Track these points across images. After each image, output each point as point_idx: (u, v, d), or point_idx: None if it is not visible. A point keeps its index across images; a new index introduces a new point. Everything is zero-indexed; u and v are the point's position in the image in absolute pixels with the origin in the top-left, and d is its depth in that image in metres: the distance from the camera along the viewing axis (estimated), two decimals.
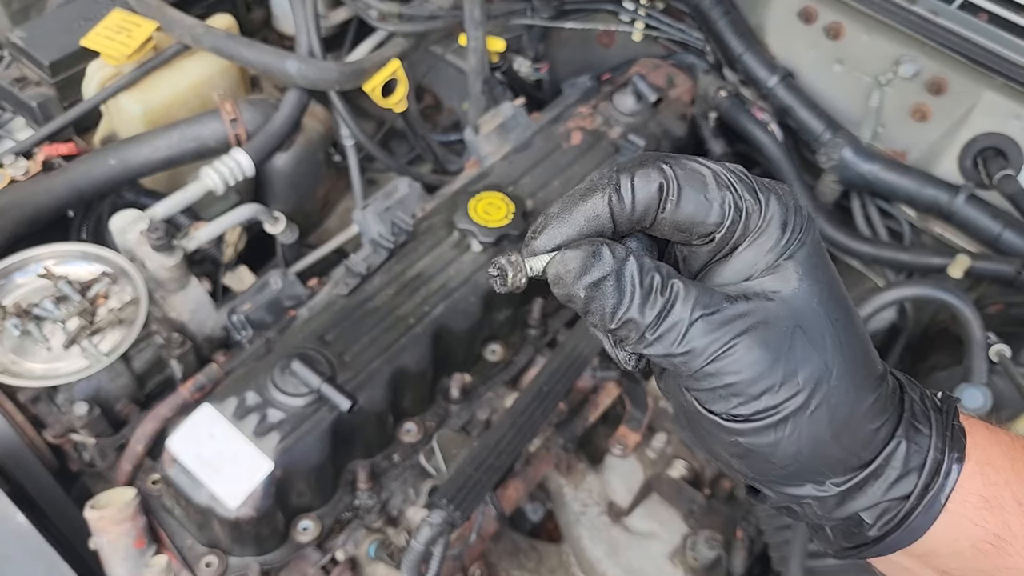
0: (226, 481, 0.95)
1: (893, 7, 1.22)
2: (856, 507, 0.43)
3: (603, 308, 0.39)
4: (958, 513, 0.43)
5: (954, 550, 0.44)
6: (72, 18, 1.45)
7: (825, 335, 0.41)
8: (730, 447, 0.41)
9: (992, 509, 0.43)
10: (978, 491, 0.43)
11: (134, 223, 1.18)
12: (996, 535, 0.43)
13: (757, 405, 0.39)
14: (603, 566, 1.11)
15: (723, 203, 0.40)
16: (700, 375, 0.40)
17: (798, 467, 0.41)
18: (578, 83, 1.51)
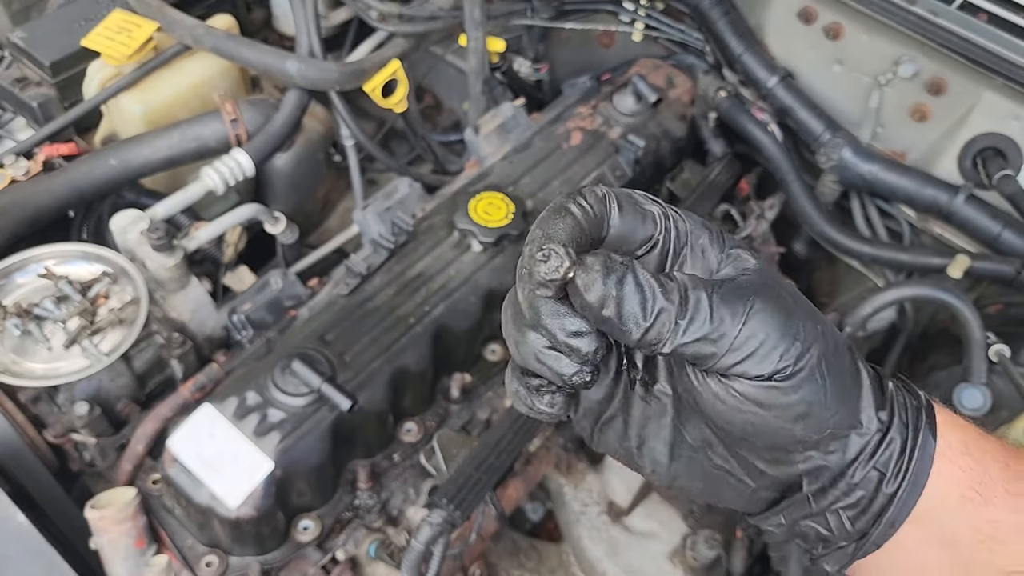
0: (226, 481, 0.95)
1: (893, 7, 1.22)
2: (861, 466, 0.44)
3: (633, 307, 0.39)
4: (944, 457, 0.44)
5: (946, 505, 0.44)
6: (73, 18, 1.45)
7: (796, 298, 0.43)
8: (745, 427, 0.42)
9: (972, 455, 0.45)
10: (958, 437, 0.45)
11: (135, 223, 1.18)
12: (979, 481, 0.44)
13: (777, 364, 0.40)
14: (603, 566, 1.11)
15: (655, 213, 0.43)
16: (731, 349, 0.40)
17: (805, 428, 0.42)
18: (578, 83, 1.51)
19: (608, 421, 0.47)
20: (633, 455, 0.47)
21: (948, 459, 0.45)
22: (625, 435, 0.47)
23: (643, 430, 0.46)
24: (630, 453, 0.47)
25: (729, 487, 0.46)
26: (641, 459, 0.47)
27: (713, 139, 1.47)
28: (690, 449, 0.45)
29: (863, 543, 0.45)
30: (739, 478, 0.45)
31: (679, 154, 1.48)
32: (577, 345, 0.40)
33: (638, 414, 0.46)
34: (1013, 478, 0.45)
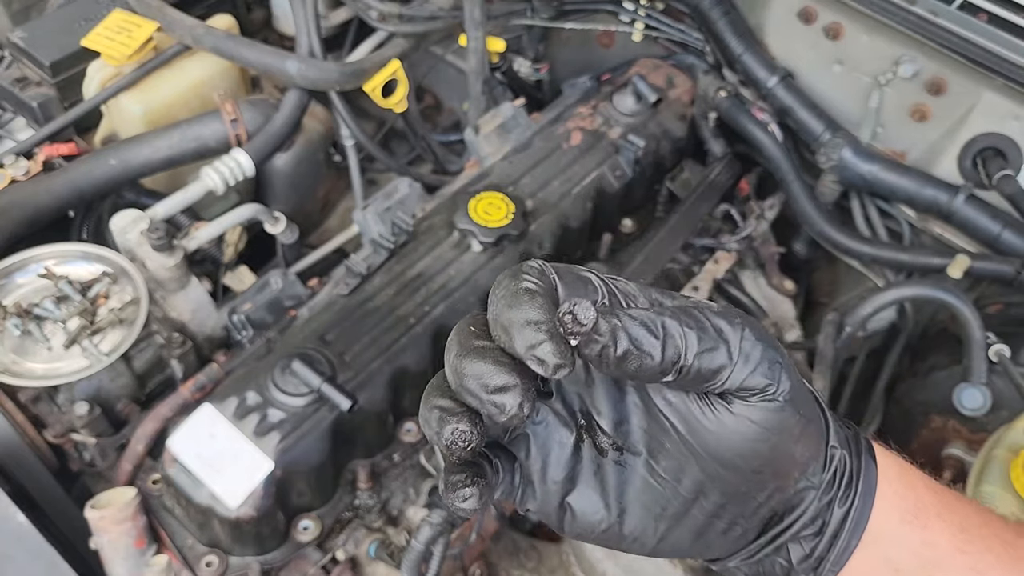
0: (227, 481, 0.95)
1: (893, 7, 1.22)
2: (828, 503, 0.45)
3: (641, 332, 0.38)
4: (883, 485, 0.46)
5: (889, 529, 0.46)
6: (73, 18, 1.45)
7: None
8: (757, 457, 0.42)
9: (906, 482, 0.47)
10: (892, 466, 0.47)
11: (135, 223, 1.18)
12: (915, 507, 0.47)
13: (779, 374, 0.41)
14: (603, 565, 1.11)
15: (591, 278, 0.42)
16: (740, 360, 0.40)
17: (804, 448, 0.44)
18: (578, 83, 1.51)
19: (578, 500, 0.44)
20: (613, 526, 0.44)
21: (887, 486, 0.46)
22: (604, 506, 0.44)
23: (622, 498, 0.44)
24: (610, 526, 0.44)
25: (718, 534, 0.45)
26: (624, 528, 0.44)
27: (713, 139, 1.47)
28: (681, 503, 0.44)
29: (821, 570, 0.46)
30: (732, 520, 0.45)
31: (679, 154, 1.48)
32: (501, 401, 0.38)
33: (613, 482, 0.44)
34: (943, 504, 0.47)
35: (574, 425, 0.44)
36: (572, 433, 0.44)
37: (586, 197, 1.30)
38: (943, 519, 0.47)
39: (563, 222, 1.26)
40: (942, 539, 0.46)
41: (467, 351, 0.39)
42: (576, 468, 0.44)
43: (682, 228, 1.32)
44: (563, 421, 0.44)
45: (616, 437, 0.43)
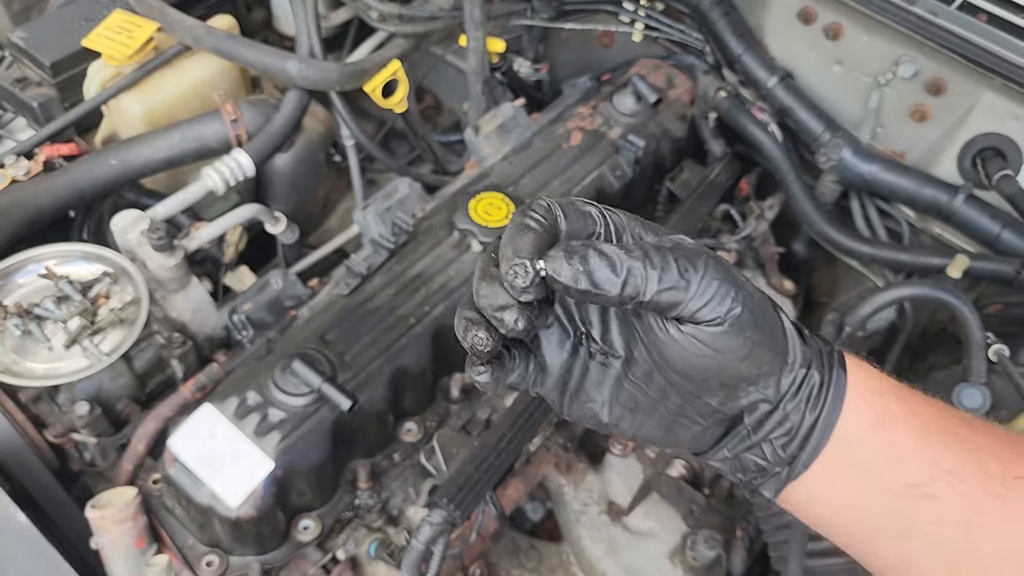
0: (227, 480, 0.95)
1: (892, 8, 1.22)
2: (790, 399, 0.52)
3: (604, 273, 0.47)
4: (853, 393, 0.53)
5: (856, 433, 0.53)
6: (73, 19, 1.45)
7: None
8: (704, 370, 0.51)
9: (875, 394, 0.54)
10: (864, 380, 0.54)
11: (135, 223, 1.18)
12: (883, 414, 0.53)
13: (730, 306, 0.49)
14: (603, 565, 1.11)
15: (592, 211, 0.52)
16: (695, 296, 0.49)
17: (749, 365, 0.51)
18: (578, 84, 1.51)
19: (575, 392, 0.55)
20: (599, 416, 0.55)
21: (857, 395, 0.53)
22: (591, 400, 0.55)
23: (607, 393, 0.55)
24: (597, 416, 0.55)
25: (684, 429, 0.54)
26: (608, 418, 0.55)
27: (713, 139, 1.47)
28: (650, 401, 0.53)
29: (794, 467, 0.53)
30: (693, 419, 0.54)
31: (679, 154, 1.48)
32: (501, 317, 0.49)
33: (598, 379, 0.54)
34: (909, 410, 0.53)
35: (572, 330, 0.54)
36: (571, 337, 0.54)
37: (586, 197, 1.30)
38: (908, 423, 0.53)
39: None
40: (906, 440, 0.52)
41: (483, 274, 0.50)
42: (573, 364, 0.54)
43: (682, 228, 1.33)
44: (563, 327, 0.54)
45: (602, 345, 0.54)
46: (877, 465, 0.53)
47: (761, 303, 0.51)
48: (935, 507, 0.52)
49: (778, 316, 0.53)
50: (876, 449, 0.53)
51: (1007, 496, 0.51)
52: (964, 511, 0.51)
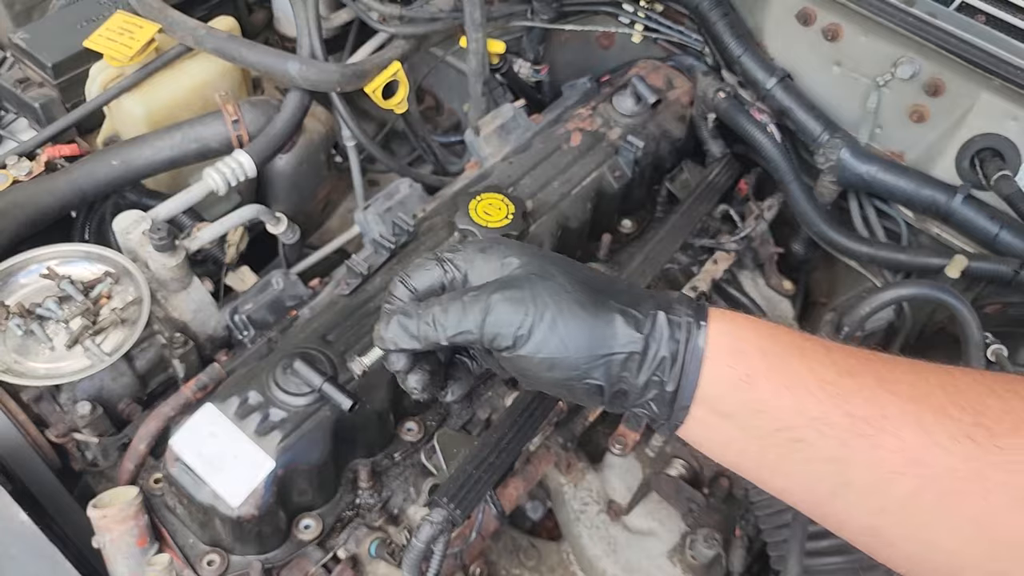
0: (228, 480, 0.96)
1: (891, 9, 1.23)
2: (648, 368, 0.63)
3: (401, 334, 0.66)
4: (715, 360, 0.61)
5: (721, 391, 0.61)
6: (75, 20, 1.46)
7: (554, 273, 0.65)
8: (529, 381, 0.66)
9: (738, 356, 0.61)
10: (727, 345, 0.62)
11: (137, 223, 1.18)
12: (745, 373, 0.60)
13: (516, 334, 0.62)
14: (602, 564, 1.11)
15: (436, 269, 0.68)
16: (485, 333, 0.63)
17: (559, 373, 0.63)
18: (577, 85, 1.51)
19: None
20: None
21: (719, 358, 0.61)
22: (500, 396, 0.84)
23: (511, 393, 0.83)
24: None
25: (580, 398, 0.67)
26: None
27: (712, 140, 1.48)
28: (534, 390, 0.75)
29: (672, 421, 0.64)
30: (579, 395, 0.66)
31: (678, 155, 1.49)
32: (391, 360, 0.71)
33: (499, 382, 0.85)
34: (771, 367, 0.60)
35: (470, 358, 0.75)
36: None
37: (586, 198, 1.31)
38: (770, 379, 0.60)
39: (563, 223, 1.27)
40: (768, 395, 0.59)
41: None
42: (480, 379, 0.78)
43: (681, 229, 1.33)
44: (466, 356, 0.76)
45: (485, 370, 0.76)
46: (744, 416, 0.60)
47: (565, 317, 0.62)
48: (804, 448, 0.58)
49: (601, 315, 0.62)
50: (740, 404, 0.60)
51: (875, 435, 0.56)
52: (833, 450, 0.57)
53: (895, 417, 0.56)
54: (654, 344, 0.62)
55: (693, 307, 0.64)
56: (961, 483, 0.54)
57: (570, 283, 0.64)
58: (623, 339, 0.62)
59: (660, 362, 0.62)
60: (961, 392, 0.57)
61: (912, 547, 0.58)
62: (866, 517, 0.59)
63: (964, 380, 0.59)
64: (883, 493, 0.57)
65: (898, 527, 0.58)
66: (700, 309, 0.64)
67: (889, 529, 0.58)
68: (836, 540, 0.99)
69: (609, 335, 0.62)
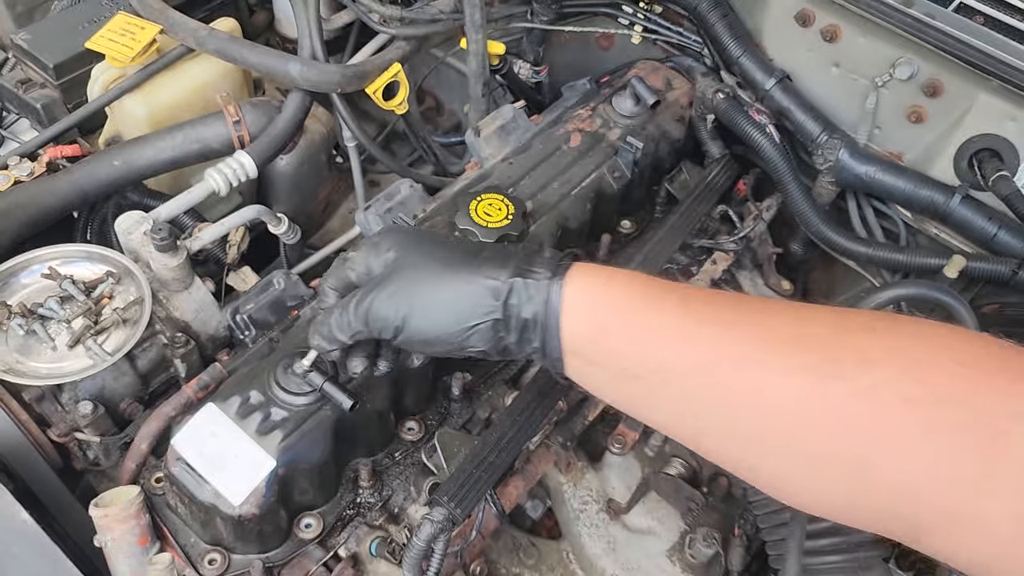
0: (229, 479, 0.96)
1: (890, 10, 1.23)
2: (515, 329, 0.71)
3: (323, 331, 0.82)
4: (571, 316, 0.68)
5: (582, 343, 0.69)
6: (76, 21, 1.46)
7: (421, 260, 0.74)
8: (427, 348, 0.78)
9: (592, 310, 0.68)
10: (582, 301, 0.69)
11: (138, 224, 1.19)
12: (600, 327, 0.68)
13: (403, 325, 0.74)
14: (602, 563, 1.12)
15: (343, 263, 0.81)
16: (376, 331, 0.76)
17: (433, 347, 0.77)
18: (577, 86, 1.52)
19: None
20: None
21: (575, 314, 0.69)
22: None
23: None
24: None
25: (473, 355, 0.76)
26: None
27: (711, 141, 1.48)
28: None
29: (555, 369, 0.72)
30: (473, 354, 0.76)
31: (677, 155, 1.49)
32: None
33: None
34: (624, 321, 0.67)
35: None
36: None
37: (585, 198, 1.31)
38: (622, 331, 0.66)
39: (563, 223, 1.27)
40: (621, 345, 0.67)
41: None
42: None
43: (680, 229, 1.33)
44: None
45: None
46: (604, 364, 0.68)
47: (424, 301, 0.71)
48: (660, 390, 0.65)
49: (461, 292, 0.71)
50: (598, 353, 0.68)
51: (719, 377, 0.62)
52: (685, 392, 0.64)
53: (738, 359, 0.61)
54: (514, 309, 0.70)
55: (552, 267, 0.70)
56: (806, 415, 0.58)
57: (438, 267, 0.72)
58: (484, 310, 0.70)
59: (523, 323, 0.70)
60: (810, 331, 0.61)
61: (769, 475, 0.64)
62: (727, 452, 0.66)
63: (817, 318, 0.63)
64: (736, 428, 0.63)
65: (754, 458, 0.64)
66: (559, 268, 0.70)
67: (747, 460, 0.65)
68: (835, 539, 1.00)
69: (471, 308, 0.70)
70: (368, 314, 0.74)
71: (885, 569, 1.00)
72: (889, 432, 0.55)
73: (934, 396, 0.55)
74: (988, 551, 0.54)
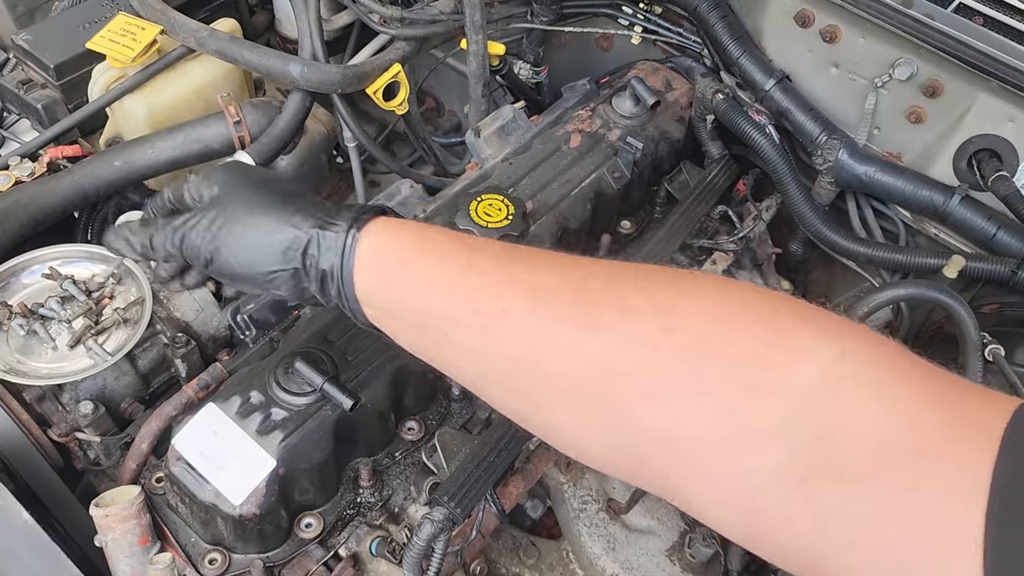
0: (230, 479, 0.96)
1: (889, 10, 1.24)
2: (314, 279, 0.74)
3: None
4: (363, 268, 0.72)
5: (375, 293, 0.72)
6: (77, 21, 1.46)
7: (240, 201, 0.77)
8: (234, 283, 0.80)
9: (382, 263, 0.71)
10: (373, 254, 0.72)
11: None
12: (387, 279, 0.71)
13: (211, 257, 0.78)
14: (601, 562, 1.12)
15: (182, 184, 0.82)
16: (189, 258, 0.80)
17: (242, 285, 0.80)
18: (577, 86, 1.52)
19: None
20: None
21: (366, 264, 0.72)
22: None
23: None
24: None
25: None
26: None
27: (711, 141, 1.48)
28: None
29: (358, 319, 0.76)
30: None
31: (677, 156, 1.50)
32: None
33: None
34: (411, 272, 0.70)
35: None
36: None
37: (585, 199, 1.32)
38: (407, 282, 0.70)
39: (563, 223, 1.27)
40: (406, 295, 0.70)
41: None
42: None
43: (680, 229, 1.34)
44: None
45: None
46: (394, 313, 0.72)
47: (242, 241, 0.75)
48: (445, 339, 0.68)
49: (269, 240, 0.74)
50: (388, 303, 0.72)
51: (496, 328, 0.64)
52: (465, 342, 0.66)
53: (514, 311, 0.63)
54: (312, 259, 0.73)
55: (350, 220, 0.73)
56: (569, 367, 0.60)
57: (251, 209, 0.75)
58: (285, 258, 0.74)
59: (322, 274, 0.73)
60: (585, 284, 0.62)
61: (547, 426, 0.66)
62: (507, 402, 0.68)
63: (597, 272, 0.64)
64: (513, 380, 0.65)
65: (529, 410, 0.66)
66: (359, 221, 0.73)
67: (524, 411, 0.67)
68: None
69: (272, 254, 0.74)
70: (183, 241, 0.78)
71: None
72: (642, 381, 0.57)
73: (685, 346, 0.55)
74: (737, 508, 0.54)
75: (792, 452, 0.51)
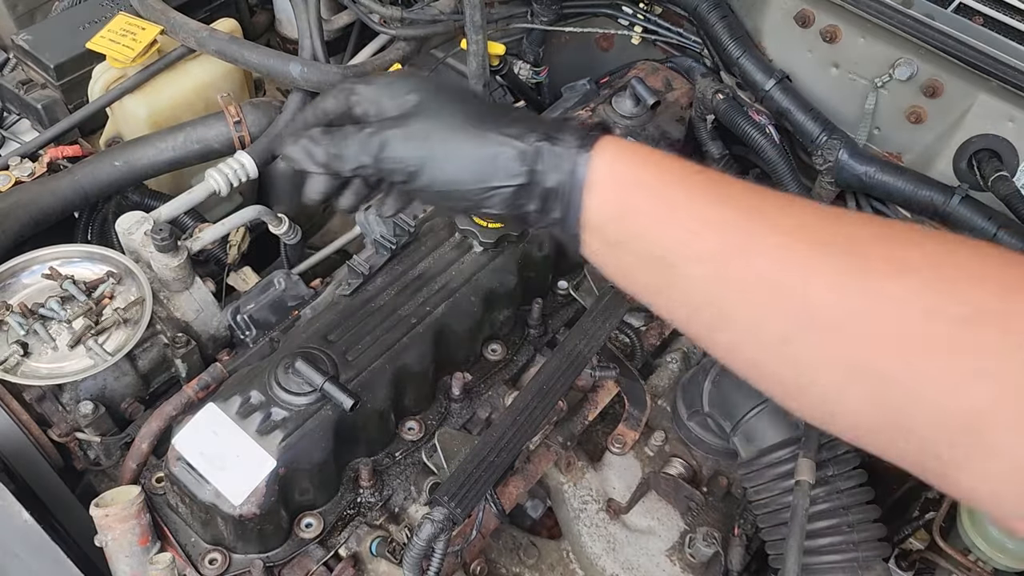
0: (230, 479, 0.96)
1: (889, 11, 1.24)
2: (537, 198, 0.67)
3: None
4: (595, 190, 0.64)
5: (606, 219, 0.64)
6: (77, 21, 1.46)
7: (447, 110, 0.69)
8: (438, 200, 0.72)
9: (618, 187, 0.64)
10: (608, 176, 0.64)
11: (139, 224, 1.19)
12: (624, 204, 0.64)
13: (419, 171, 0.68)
14: (601, 562, 1.12)
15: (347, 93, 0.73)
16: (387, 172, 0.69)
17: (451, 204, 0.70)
18: (577, 86, 1.52)
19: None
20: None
21: (600, 191, 0.64)
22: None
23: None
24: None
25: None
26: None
27: (711, 141, 1.48)
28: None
29: (572, 245, 0.68)
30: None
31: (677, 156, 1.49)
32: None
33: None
34: (653, 199, 0.63)
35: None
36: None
37: None
38: (647, 212, 0.62)
39: None
40: (644, 227, 0.63)
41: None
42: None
43: None
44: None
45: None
46: (627, 243, 0.64)
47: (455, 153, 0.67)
48: (682, 274, 0.61)
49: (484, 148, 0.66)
50: (621, 232, 0.64)
51: (744, 262, 0.58)
52: (707, 276, 0.60)
53: (766, 247, 0.57)
54: (539, 176, 0.65)
55: (580, 137, 0.66)
56: (837, 322, 0.54)
57: (462, 119, 0.67)
58: (508, 172, 0.66)
59: (546, 193, 0.66)
60: (848, 231, 0.57)
61: (790, 383, 0.59)
62: (747, 352, 0.61)
63: (858, 221, 0.59)
64: (760, 330, 0.58)
65: (776, 364, 0.59)
66: (588, 139, 0.65)
67: (767, 365, 0.59)
68: (835, 538, 1.00)
69: (495, 169, 0.66)
70: (383, 150, 0.67)
71: (885, 568, 1.01)
72: (908, 345, 0.51)
73: (965, 312, 0.50)
74: (1016, 481, 0.50)
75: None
